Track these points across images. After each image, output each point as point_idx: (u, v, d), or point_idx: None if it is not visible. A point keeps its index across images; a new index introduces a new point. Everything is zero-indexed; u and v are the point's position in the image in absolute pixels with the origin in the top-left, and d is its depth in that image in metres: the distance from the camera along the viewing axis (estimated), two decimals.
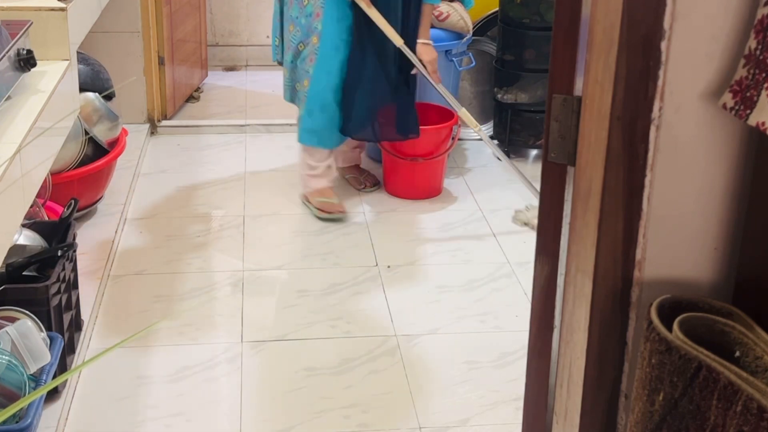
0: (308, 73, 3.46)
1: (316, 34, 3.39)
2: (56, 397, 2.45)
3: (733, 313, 1.26)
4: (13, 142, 1.87)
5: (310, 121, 3.51)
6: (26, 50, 2.09)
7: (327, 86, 3.44)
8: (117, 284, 3.13)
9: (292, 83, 3.56)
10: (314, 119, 3.50)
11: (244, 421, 2.49)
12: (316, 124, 3.51)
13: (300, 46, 3.46)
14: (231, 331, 2.88)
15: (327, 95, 3.45)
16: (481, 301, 3.09)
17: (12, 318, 2.27)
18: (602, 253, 1.33)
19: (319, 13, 3.38)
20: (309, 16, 3.40)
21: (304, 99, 3.50)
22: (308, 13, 3.40)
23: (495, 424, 2.49)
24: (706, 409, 1.15)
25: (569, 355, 1.46)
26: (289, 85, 3.58)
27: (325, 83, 3.44)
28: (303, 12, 3.42)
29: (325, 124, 3.50)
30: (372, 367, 2.73)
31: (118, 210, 3.58)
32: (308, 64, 3.45)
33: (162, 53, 4.41)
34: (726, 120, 1.25)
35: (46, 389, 1.59)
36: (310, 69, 3.45)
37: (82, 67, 3.38)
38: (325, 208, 3.59)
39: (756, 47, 1.16)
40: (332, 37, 3.39)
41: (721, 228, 1.31)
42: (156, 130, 4.46)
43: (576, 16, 1.35)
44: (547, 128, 1.41)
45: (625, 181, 1.29)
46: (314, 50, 3.41)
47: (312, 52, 3.42)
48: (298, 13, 3.43)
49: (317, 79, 3.44)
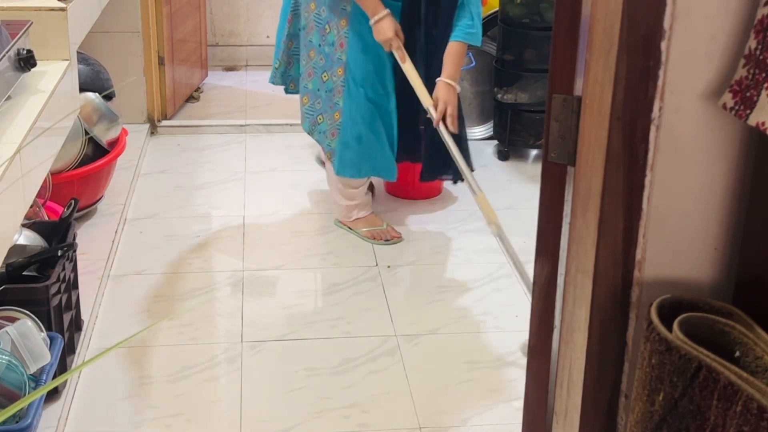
0: (338, 106, 3.30)
1: (341, 65, 3.25)
2: (56, 397, 2.45)
3: (733, 313, 1.26)
4: (13, 142, 1.87)
5: (348, 153, 3.34)
6: (26, 50, 2.09)
7: (360, 118, 3.28)
8: (117, 284, 3.13)
9: (313, 114, 3.39)
10: (352, 151, 3.33)
11: (244, 421, 2.49)
12: (355, 156, 3.34)
13: (324, 76, 3.31)
14: (231, 331, 2.88)
15: (361, 127, 3.29)
16: (481, 301, 3.09)
17: (12, 318, 2.27)
18: (602, 253, 1.33)
19: (343, 43, 3.22)
20: (331, 45, 3.25)
21: (336, 132, 3.33)
22: (330, 42, 3.25)
23: (495, 424, 2.49)
24: (706, 409, 1.15)
25: (569, 355, 1.46)
26: (309, 114, 3.41)
27: (357, 115, 3.27)
28: (325, 40, 3.27)
29: (363, 155, 3.35)
30: (372, 367, 2.73)
31: (118, 210, 3.58)
32: (336, 96, 3.30)
33: (162, 53, 4.41)
34: (726, 120, 1.25)
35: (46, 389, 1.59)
36: (339, 101, 3.29)
37: (82, 67, 3.38)
38: (379, 236, 3.46)
39: (756, 47, 1.16)
40: (359, 69, 3.23)
41: (721, 228, 1.31)
42: (156, 130, 4.46)
43: (576, 16, 1.35)
44: (547, 128, 1.41)
45: (625, 181, 1.29)
46: (341, 82, 3.27)
47: (339, 84, 3.28)
48: (319, 41, 3.28)
49: (348, 111, 3.28)
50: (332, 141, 3.37)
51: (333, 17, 3.23)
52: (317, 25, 3.28)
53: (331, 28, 3.24)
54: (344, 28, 3.21)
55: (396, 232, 3.49)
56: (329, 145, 3.38)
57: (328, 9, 3.23)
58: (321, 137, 3.41)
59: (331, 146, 3.38)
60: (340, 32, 3.22)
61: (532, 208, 1.61)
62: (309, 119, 3.42)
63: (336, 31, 3.23)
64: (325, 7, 3.24)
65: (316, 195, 3.85)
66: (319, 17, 3.27)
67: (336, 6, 3.21)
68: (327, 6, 3.23)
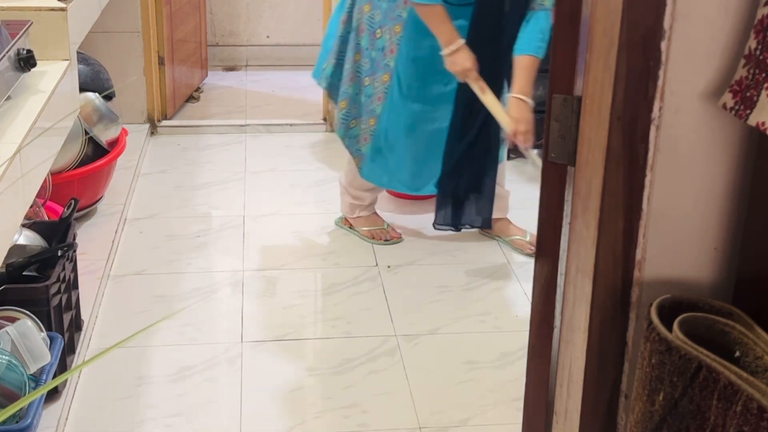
0: (375, 112, 3.21)
1: (387, 71, 3.14)
2: (56, 397, 2.45)
3: (733, 313, 1.26)
4: (13, 142, 1.86)
5: (380, 160, 3.28)
6: (26, 50, 2.09)
7: (397, 128, 3.21)
8: (117, 284, 3.13)
9: (348, 119, 3.28)
10: (384, 159, 3.28)
11: (244, 421, 2.49)
12: (385, 165, 3.29)
13: (366, 80, 3.20)
14: (231, 331, 2.88)
15: (397, 137, 3.23)
16: (481, 301, 3.09)
17: (12, 318, 2.27)
18: (602, 253, 1.33)
19: (394, 49, 3.11)
20: (380, 50, 3.14)
21: (368, 137, 3.25)
22: (380, 47, 3.14)
23: (495, 424, 2.49)
24: (706, 409, 1.15)
25: (569, 355, 1.46)
26: (344, 120, 3.29)
27: (396, 125, 3.21)
28: (374, 44, 3.15)
29: (393, 167, 3.29)
30: (372, 367, 2.73)
31: (118, 210, 3.58)
32: (376, 102, 3.20)
33: (162, 53, 4.41)
34: (726, 120, 1.25)
35: (46, 389, 1.59)
36: (377, 108, 3.20)
37: (82, 67, 3.38)
38: (378, 236, 3.45)
39: (756, 47, 1.16)
40: (406, 78, 3.14)
41: (721, 228, 1.31)
42: (156, 130, 4.46)
43: (576, 16, 1.35)
44: (547, 128, 1.41)
45: (625, 181, 1.29)
46: (384, 89, 3.16)
47: (381, 91, 3.18)
48: (368, 44, 3.16)
49: (387, 120, 3.21)
50: (363, 146, 3.28)
51: (387, 22, 3.10)
52: (369, 29, 3.15)
53: (383, 32, 3.12)
54: (397, 35, 3.09)
55: (396, 232, 3.49)
56: (359, 149, 3.30)
57: (383, 13, 3.11)
58: (351, 142, 3.30)
59: (361, 151, 3.30)
60: (393, 38, 3.11)
61: (532, 208, 1.61)
62: (343, 123, 3.30)
63: (388, 36, 3.12)
64: (380, 10, 3.11)
65: (316, 195, 3.85)
66: (371, 20, 3.14)
67: (392, 11, 3.09)
68: (382, 10, 3.10)
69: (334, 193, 3.83)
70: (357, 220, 3.50)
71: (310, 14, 5.55)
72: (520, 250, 3.40)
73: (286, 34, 5.61)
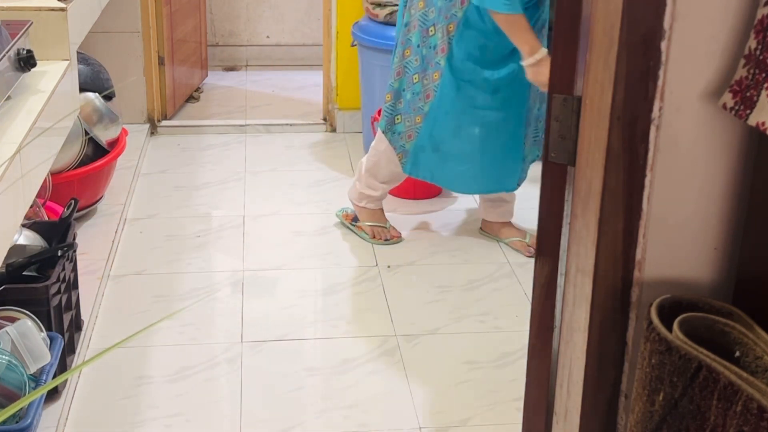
0: (422, 110, 3.19)
1: (438, 70, 3.11)
2: (56, 397, 2.45)
3: (733, 313, 1.26)
4: (13, 142, 1.86)
5: (424, 157, 3.26)
6: (26, 50, 2.09)
7: (444, 128, 3.19)
8: (117, 284, 3.13)
9: (392, 113, 3.27)
10: (427, 157, 3.26)
11: (244, 421, 2.49)
12: (429, 162, 3.27)
13: (415, 78, 3.18)
14: (231, 331, 2.88)
15: (444, 137, 3.20)
16: (481, 301, 3.09)
17: (12, 318, 2.27)
18: (602, 253, 1.33)
19: (445, 48, 3.08)
20: (432, 48, 3.11)
21: (413, 134, 3.23)
22: (431, 44, 3.11)
23: (495, 424, 2.49)
24: (706, 409, 1.15)
25: (569, 355, 1.46)
26: (387, 113, 3.28)
27: (443, 124, 3.18)
28: (425, 42, 3.13)
29: (436, 164, 3.26)
30: (372, 367, 2.73)
31: (118, 210, 3.58)
32: (423, 100, 3.18)
33: (162, 53, 4.41)
34: (726, 120, 1.25)
35: (46, 389, 1.58)
36: (425, 106, 3.18)
37: (82, 67, 3.38)
38: (379, 235, 3.45)
39: (756, 47, 1.16)
40: (458, 76, 3.11)
41: (721, 228, 1.31)
42: (156, 130, 4.46)
43: (576, 16, 1.35)
44: (547, 128, 1.41)
45: (625, 181, 1.29)
46: (433, 87, 3.14)
47: (430, 89, 3.15)
48: (419, 41, 3.13)
49: (434, 118, 3.18)
50: (407, 143, 3.27)
51: (441, 20, 3.07)
52: (421, 26, 3.13)
53: (437, 30, 3.09)
54: (451, 33, 3.06)
55: (396, 232, 3.49)
56: (403, 146, 3.29)
57: (438, 11, 3.07)
58: (395, 137, 3.29)
59: (405, 147, 3.28)
60: (445, 36, 3.07)
61: (532, 208, 1.61)
62: (386, 118, 3.30)
63: (441, 34, 3.08)
64: (434, 8, 3.08)
65: (316, 195, 3.85)
66: (425, 17, 3.11)
67: (448, 9, 3.05)
68: (437, 8, 3.07)
69: (334, 193, 3.84)
70: (362, 210, 3.48)
71: (310, 14, 5.55)
72: (519, 251, 3.41)
73: (286, 34, 5.61)
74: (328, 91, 4.53)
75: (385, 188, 3.45)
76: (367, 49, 4.05)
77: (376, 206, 3.48)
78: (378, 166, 3.38)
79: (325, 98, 4.57)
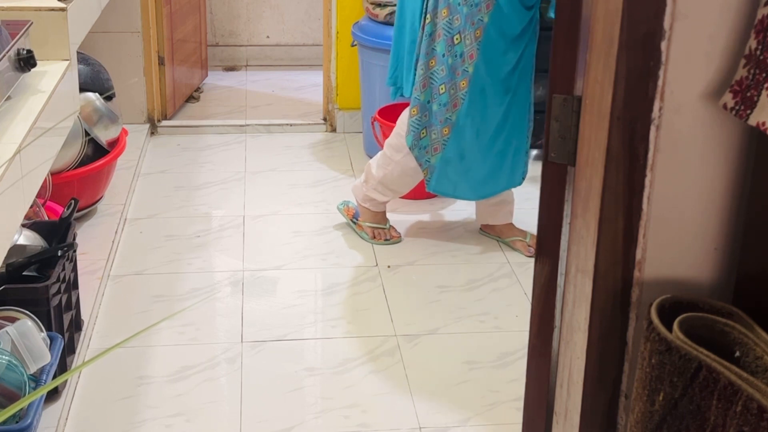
0: (450, 120, 3.14)
1: (465, 77, 3.07)
2: (56, 397, 2.45)
3: (733, 313, 1.26)
4: (13, 143, 1.86)
5: (449, 169, 3.23)
6: (26, 50, 2.09)
7: (474, 135, 3.16)
8: (117, 284, 3.13)
9: (419, 127, 3.21)
10: (452, 168, 3.22)
11: (244, 421, 2.49)
12: (453, 173, 3.23)
13: (441, 88, 3.12)
14: (231, 331, 2.88)
15: (472, 145, 3.18)
16: (481, 301, 3.09)
17: (12, 318, 2.27)
18: (602, 253, 1.33)
19: (473, 54, 3.04)
20: (458, 56, 3.07)
21: (439, 147, 3.19)
22: (457, 53, 3.07)
23: (495, 424, 2.49)
24: (706, 409, 1.15)
25: (569, 355, 1.46)
26: (414, 128, 3.22)
27: (473, 132, 3.16)
28: (451, 51, 3.07)
29: (460, 175, 3.24)
30: (372, 367, 2.73)
31: (118, 210, 3.58)
32: (450, 110, 3.13)
33: (162, 53, 4.41)
34: (726, 120, 1.25)
35: (46, 389, 1.59)
36: (452, 116, 3.13)
37: (82, 67, 3.38)
38: (379, 235, 3.44)
39: (756, 47, 1.16)
40: (489, 83, 3.09)
41: (721, 228, 1.31)
42: (156, 130, 4.46)
43: (576, 16, 1.35)
44: (547, 128, 1.41)
45: (625, 181, 1.29)
46: (461, 95, 3.10)
47: (457, 98, 3.11)
48: (444, 51, 3.08)
49: (463, 127, 3.15)
50: (432, 156, 3.22)
51: (468, 27, 3.03)
52: (446, 34, 3.08)
53: (463, 38, 3.05)
54: (478, 40, 3.03)
55: (396, 232, 3.49)
56: (428, 161, 3.24)
57: (464, 18, 3.03)
58: (420, 153, 3.24)
59: (430, 162, 3.23)
60: (473, 43, 3.04)
61: (532, 208, 1.61)
62: (413, 134, 3.23)
63: (469, 41, 3.04)
64: (460, 15, 3.03)
65: (316, 195, 3.85)
66: (449, 26, 3.06)
67: (473, 15, 3.01)
68: (463, 15, 3.03)
69: (334, 193, 3.84)
70: (364, 211, 3.48)
71: (310, 14, 5.55)
72: (519, 251, 3.41)
73: (286, 34, 5.61)
74: (328, 91, 4.53)
75: (394, 196, 3.45)
76: (367, 49, 4.05)
77: (379, 209, 3.49)
78: (391, 176, 3.36)
79: (325, 98, 4.57)
